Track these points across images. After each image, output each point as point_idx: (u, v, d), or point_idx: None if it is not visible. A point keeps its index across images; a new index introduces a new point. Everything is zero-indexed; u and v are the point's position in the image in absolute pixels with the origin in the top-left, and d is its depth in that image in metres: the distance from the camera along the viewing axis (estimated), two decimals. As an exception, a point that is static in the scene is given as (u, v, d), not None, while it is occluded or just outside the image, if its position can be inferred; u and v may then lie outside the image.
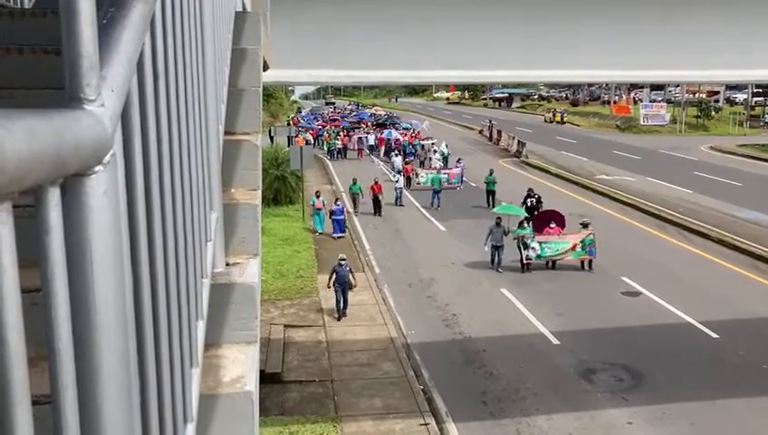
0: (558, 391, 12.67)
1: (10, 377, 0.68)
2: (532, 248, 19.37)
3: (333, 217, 23.24)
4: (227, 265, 2.77)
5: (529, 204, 24.16)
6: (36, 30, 2.41)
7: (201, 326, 1.98)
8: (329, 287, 16.18)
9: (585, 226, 19.95)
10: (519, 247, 19.38)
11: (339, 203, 24.01)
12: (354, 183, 27.66)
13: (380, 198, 26.83)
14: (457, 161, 34.36)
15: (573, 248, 19.60)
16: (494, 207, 25.82)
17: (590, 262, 19.58)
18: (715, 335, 15.01)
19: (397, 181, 29.62)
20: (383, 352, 14.29)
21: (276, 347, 14.44)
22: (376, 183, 26.80)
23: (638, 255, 19.89)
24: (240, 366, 2.42)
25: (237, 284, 2.62)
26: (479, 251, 21.35)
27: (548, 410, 12.02)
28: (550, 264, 19.66)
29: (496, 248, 19.37)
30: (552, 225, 19.95)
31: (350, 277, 16.13)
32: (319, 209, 23.85)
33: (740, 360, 13.89)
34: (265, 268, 18.43)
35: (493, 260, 19.47)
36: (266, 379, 12.39)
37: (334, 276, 16.01)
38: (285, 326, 15.65)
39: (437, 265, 20.17)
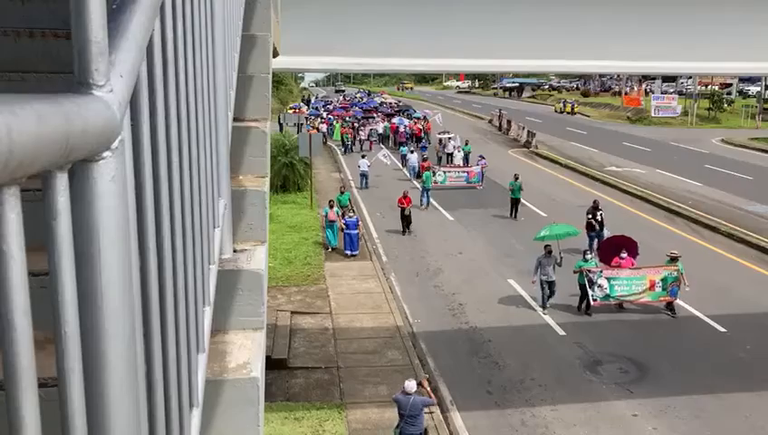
0: (563, 383, 12.68)
1: (17, 359, 0.68)
2: (599, 286, 15.33)
3: (346, 232, 19.89)
4: (235, 251, 2.78)
5: (599, 218, 19.46)
6: (47, 13, 2.41)
7: (208, 312, 1.99)
8: None
9: (674, 259, 15.72)
10: (584, 285, 15.38)
11: (353, 215, 20.55)
12: (342, 193, 23.77)
13: (409, 212, 22.47)
14: (479, 159, 31.88)
15: (651, 287, 15.47)
16: (516, 215, 24.23)
17: (671, 304, 15.58)
18: (722, 329, 14.96)
19: (360, 166, 30.12)
20: (389, 340, 14.33)
21: (283, 333, 14.50)
22: (405, 196, 22.48)
23: (646, 246, 19.67)
24: (246, 352, 2.44)
25: (244, 270, 2.63)
26: (487, 241, 21.38)
27: (553, 400, 12.03)
28: (616, 306, 15.65)
29: (548, 284, 15.69)
30: (624, 254, 16.06)
31: (428, 404, 10.17)
32: (333, 222, 20.37)
33: (747, 354, 13.85)
34: (273, 255, 18.47)
35: (543, 298, 15.85)
36: (272, 365, 12.46)
37: (397, 414, 9.92)
38: (292, 313, 15.71)
39: (445, 255, 20.16)
